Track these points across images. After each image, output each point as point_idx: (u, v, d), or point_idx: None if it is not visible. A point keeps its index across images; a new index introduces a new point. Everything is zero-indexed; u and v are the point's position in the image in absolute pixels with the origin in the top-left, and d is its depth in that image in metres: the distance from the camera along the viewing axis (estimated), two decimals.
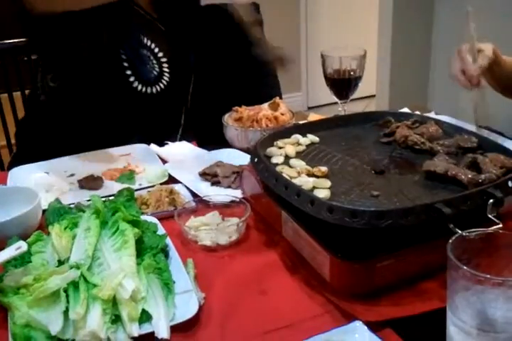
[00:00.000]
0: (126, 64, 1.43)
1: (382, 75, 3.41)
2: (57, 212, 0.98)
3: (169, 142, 1.40)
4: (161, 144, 1.39)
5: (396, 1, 3.19)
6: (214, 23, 1.53)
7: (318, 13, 3.98)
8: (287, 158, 1.01)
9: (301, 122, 1.30)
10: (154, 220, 0.99)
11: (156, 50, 1.48)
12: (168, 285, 0.81)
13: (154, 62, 1.47)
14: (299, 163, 0.98)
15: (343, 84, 1.34)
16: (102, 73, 1.42)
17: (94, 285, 0.76)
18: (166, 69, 1.49)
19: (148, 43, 1.46)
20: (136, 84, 1.44)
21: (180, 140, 1.64)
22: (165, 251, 0.91)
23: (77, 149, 1.35)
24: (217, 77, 1.76)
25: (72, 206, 1.02)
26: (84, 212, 0.94)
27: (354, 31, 3.94)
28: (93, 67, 1.41)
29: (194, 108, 1.60)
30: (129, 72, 1.43)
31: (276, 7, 3.56)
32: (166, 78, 1.49)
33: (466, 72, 1.16)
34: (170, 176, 1.19)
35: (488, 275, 0.58)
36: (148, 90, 1.47)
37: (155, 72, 1.47)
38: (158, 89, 1.48)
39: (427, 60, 3.34)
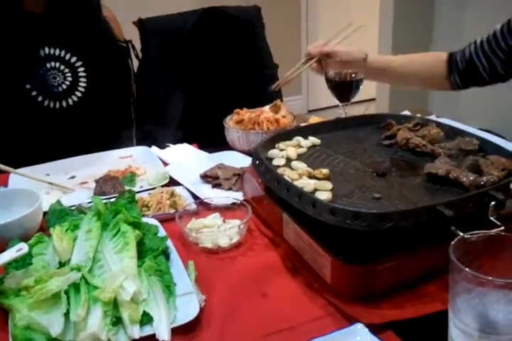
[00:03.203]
0: (28, 86, 1.41)
1: None
2: (58, 214, 0.98)
3: (170, 144, 1.40)
4: (150, 145, 1.39)
5: (396, 4, 3.19)
6: None
7: (319, 16, 3.99)
8: (289, 160, 1.01)
9: (302, 124, 1.30)
10: (155, 222, 0.99)
11: (68, 56, 1.45)
12: (169, 288, 0.81)
13: (66, 70, 1.45)
14: (301, 165, 0.98)
15: (344, 86, 1.34)
16: (8, 99, 1.41)
17: (95, 287, 0.76)
18: (83, 74, 1.47)
19: (57, 53, 1.43)
20: (47, 102, 1.44)
21: (136, 136, 1.61)
22: (166, 253, 0.91)
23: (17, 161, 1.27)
24: (214, 79, 1.75)
25: (73, 208, 1.02)
26: (85, 213, 0.94)
27: (355, 34, 3.94)
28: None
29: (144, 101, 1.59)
30: (34, 93, 1.42)
31: (278, 10, 3.57)
32: (82, 84, 1.48)
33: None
34: (171, 178, 1.19)
35: (490, 278, 0.58)
36: (64, 104, 1.46)
37: (67, 83, 1.45)
38: (75, 99, 1.47)
39: None
